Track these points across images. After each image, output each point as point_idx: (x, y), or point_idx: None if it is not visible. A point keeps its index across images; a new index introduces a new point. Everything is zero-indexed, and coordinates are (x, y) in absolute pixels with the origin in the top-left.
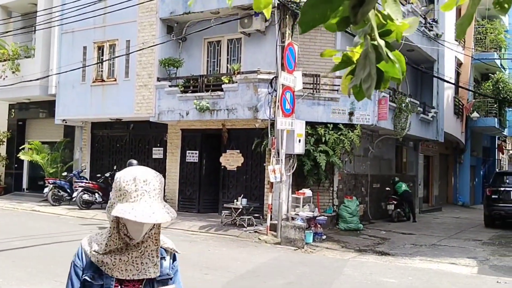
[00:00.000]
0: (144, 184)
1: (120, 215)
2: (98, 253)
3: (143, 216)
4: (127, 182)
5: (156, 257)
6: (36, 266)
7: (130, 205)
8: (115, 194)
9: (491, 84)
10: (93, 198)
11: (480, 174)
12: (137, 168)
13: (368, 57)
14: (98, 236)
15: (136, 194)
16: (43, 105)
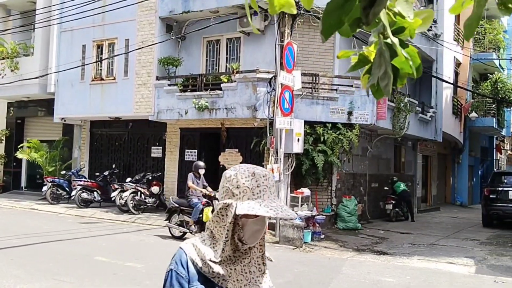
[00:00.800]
0: (264, 179)
1: (251, 212)
2: (214, 263)
3: (276, 212)
4: (246, 178)
5: (262, 264)
6: (34, 265)
7: (255, 202)
8: (230, 193)
9: (489, 84)
10: (91, 197)
11: (478, 174)
12: (245, 165)
13: (382, 56)
14: (201, 242)
15: (258, 190)
16: (42, 103)
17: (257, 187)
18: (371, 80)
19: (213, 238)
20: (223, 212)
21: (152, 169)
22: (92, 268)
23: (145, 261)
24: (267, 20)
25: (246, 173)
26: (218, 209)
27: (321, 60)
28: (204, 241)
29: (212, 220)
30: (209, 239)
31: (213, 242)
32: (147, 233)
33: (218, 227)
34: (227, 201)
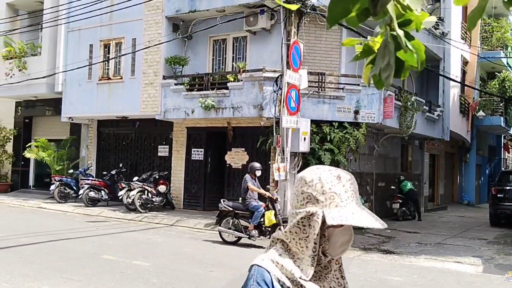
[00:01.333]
0: (350, 183)
1: (346, 223)
2: (305, 281)
3: (370, 221)
4: (332, 183)
5: (341, 278)
6: (43, 263)
7: (345, 210)
8: (314, 200)
9: (497, 82)
10: (99, 196)
11: (485, 173)
12: (325, 166)
13: (387, 47)
14: (279, 256)
15: (346, 196)
16: (50, 102)
17: (345, 193)
18: (373, 70)
19: (289, 252)
20: (305, 222)
21: (159, 168)
22: (99, 266)
23: (152, 259)
24: (273, 19)
25: (331, 177)
26: (299, 218)
27: (328, 59)
28: (281, 255)
29: (290, 231)
30: (285, 253)
31: (291, 256)
32: (154, 232)
33: (298, 239)
34: (310, 209)
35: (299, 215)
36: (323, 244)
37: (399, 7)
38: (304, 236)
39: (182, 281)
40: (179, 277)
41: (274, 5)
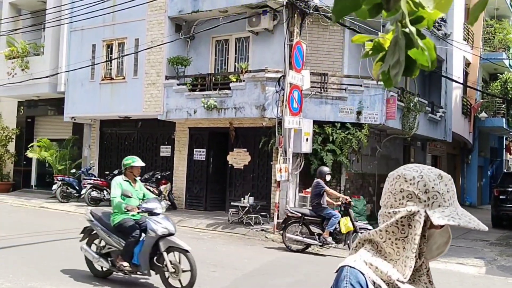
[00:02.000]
0: (451, 183)
1: (453, 223)
2: (402, 283)
3: (476, 223)
4: (435, 181)
5: (429, 283)
6: (45, 263)
7: (449, 210)
8: (415, 198)
9: (499, 84)
10: (101, 195)
11: (487, 174)
12: (422, 165)
13: (398, 44)
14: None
15: (448, 196)
16: (52, 102)
17: (447, 192)
18: (383, 67)
19: (380, 253)
20: (404, 221)
21: (161, 168)
22: None
23: None
24: (276, 19)
25: (433, 175)
26: (398, 217)
27: (330, 59)
28: (373, 257)
29: (386, 230)
30: (377, 254)
31: (383, 258)
32: None
33: (394, 239)
34: (412, 209)
35: (398, 214)
36: (422, 245)
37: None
38: (402, 236)
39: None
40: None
41: (277, 5)
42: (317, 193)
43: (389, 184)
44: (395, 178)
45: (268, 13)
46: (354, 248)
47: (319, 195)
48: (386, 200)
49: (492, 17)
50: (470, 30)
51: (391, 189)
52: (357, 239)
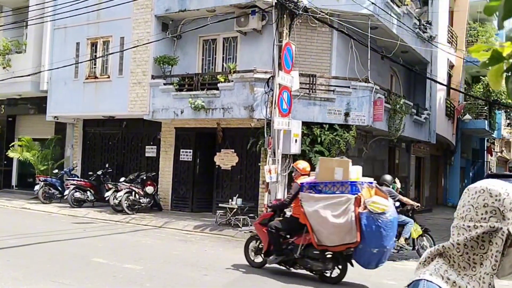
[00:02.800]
0: None
1: None
2: None
3: None
4: None
5: None
6: (32, 266)
7: None
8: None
9: (481, 86)
10: (85, 196)
11: (469, 175)
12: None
13: None
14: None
15: None
16: (34, 101)
17: None
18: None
19: (452, 268)
20: (485, 237)
21: (146, 168)
22: (91, 269)
23: (144, 262)
24: (264, 19)
25: None
26: (480, 232)
27: (318, 61)
28: (447, 272)
29: (465, 245)
30: (450, 268)
31: (457, 273)
32: (142, 234)
33: (472, 254)
34: (495, 225)
35: (480, 229)
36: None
37: None
38: (481, 252)
39: (177, 284)
40: (173, 281)
41: (265, 6)
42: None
43: (469, 197)
44: (478, 192)
45: (257, 14)
46: (422, 262)
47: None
48: (465, 213)
49: (475, 20)
50: (454, 33)
51: (472, 203)
52: (427, 252)
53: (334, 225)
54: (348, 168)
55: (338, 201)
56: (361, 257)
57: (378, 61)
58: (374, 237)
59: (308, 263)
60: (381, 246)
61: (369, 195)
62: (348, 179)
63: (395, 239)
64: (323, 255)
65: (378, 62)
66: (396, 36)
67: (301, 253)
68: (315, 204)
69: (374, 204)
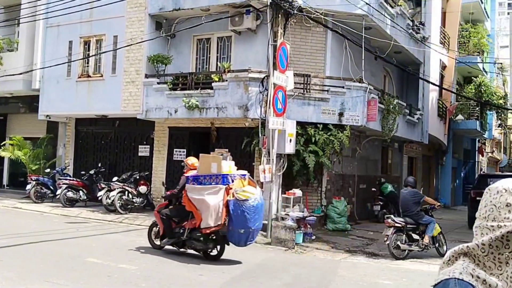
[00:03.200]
0: None
1: None
2: None
3: None
4: None
5: None
6: (26, 266)
7: None
8: None
9: (473, 87)
10: (77, 196)
11: (460, 175)
12: None
13: None
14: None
15: None
16: (25, 99)
17: None
18: None
19: (478, 267)
20: (510, 237)
21: (139, 168)
22: (85, 270)
23: (138, 262)
24: (259, 19)
25: None
26: (504, 232)
27: (313, 61)
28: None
29: (490, 244)
30: (477, 267)
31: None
32: (136, 234)
33: (497, 254)
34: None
35: (504, 229)
36: None
37: None
38: (507, 251)
39: (173, 285)
40: (168, 281)
41: (260, 5)
42: (417, 201)
43: (491, 197)
44: (500, 192)
45: (251, 13)
46: (446, 261)
47: (418, 203)
48: (488, 213)
49: (467, 21)
50: (446, 34)
51: (494, 202)
52: (450, 252)
53: (210, 210)
54: (221, 163)
55: (213, 191)
56: (232, 237)
57: (372, 62)
58: (240, 220)
59: (193, 243)
60: (246, 227)
61: (242, 185)
62: (221, 172)
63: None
64: (204, 236)
65: (372, 63)
66: (390, 37)
67: (188, 236)
68: (197, 193)
69: (242, 192)
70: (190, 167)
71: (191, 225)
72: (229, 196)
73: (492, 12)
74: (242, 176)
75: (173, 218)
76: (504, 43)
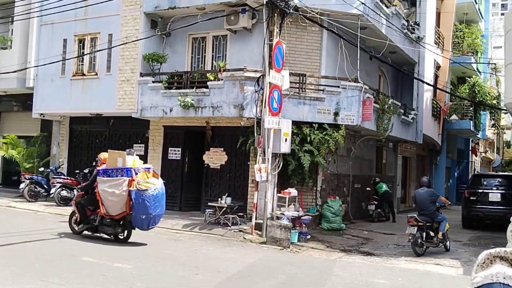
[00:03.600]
0: None
1: None
2: None
3: None
4: None
5: None
6: (21, 265)
7: None
8: None
9: (467, 87)
10: (71, 195)
11: (454, 175)
12: None
13: None
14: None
15: None
16: (19, 98)
17: None
18: None
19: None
20: None
21: None
22: (80, 269)
23: (134, 262)
24: (254, 18)
25: None
26: None
27: (308, 60)
28: None
29: None
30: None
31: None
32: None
33: None
34: None
35: None
36: None
37: None
38: None
39: (168, 284)
40: (164, 280)
41: (256, 4)
42: (433, 200)
43: None
44: None
45: (247, 12)
46: (481, 264)
47: (434, 203)
48: None
49: (461, 21)
50: (441, 34)
51: None
52: (485, 254)
53: (116, 199)
54: (125, 158)
55: (118, 182)
56: (136, 222)
57: (367, 61)
58: (141, 207)
59: (104, 228)
60: (147, 214)
61: (146, 177)
62: (125, 166)
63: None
64: (113, 222)
65: (367, 62)
66: (385, 37)
67: (99, 222)
68: (105, 184)
69: (144, 183)
70: (102, 161)
71: (101, 212)
72: (132, 187)
73: (486, 12)
74: (146, 169)
75: (88, 207)
76: (498, 44)
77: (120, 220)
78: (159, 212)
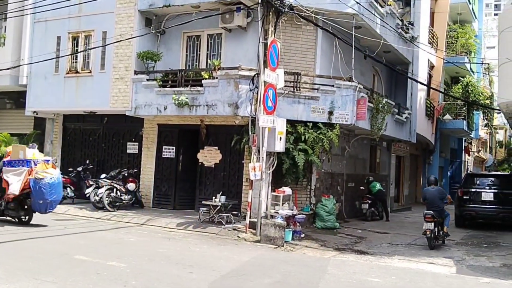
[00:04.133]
0: None
1: None
2: None
3: None
4: None
5: None
6: (13, 264)
7: None
8: None
9: (460, 87)
10: (64, 193)
11: (447, 174)
12: None
13: None
14: None
15: None
16: (11, 95)
17: None
18: None
19: None
20: None
21: (127, 165)
22: (73, 267)
23: (128, 260)
24: (249, 17)
25: None
26: None
27: (303, 59)
28: None
29: None
30: None
31: None
32: (125, 231)
33: None
34: None
35: None
36: None
37: None
38: None
39: (162, 282)
40: (158, 278)
41: (251, 3)
42: (442, 197)
43: None
44: None
45: (242, 10)
46: None
47: (443, 200)
48: None
49: (455, 21)
50: (435, 34)
51: None
52: None
53: (16, 185)
54: (25, 151)
55: (19, 172)
56: (35, 207)
57: (361, 61)
58: (38, 193)
59: (9, 212)
60: (44, 199)
61: (45, 168)
62: (25, 158)
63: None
64: (16, 206)
65: (361, 62)
66: (379, 36)
67: (5, 206)
68: (9, 173)
69: (41, 173)
70: (8, 153)
71: (6, 198)
72: (31, 176)
73: (480, 13)
74: (46, 161)
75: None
76: (491, 44)
77: (23, 204)
78: (55, 198)
